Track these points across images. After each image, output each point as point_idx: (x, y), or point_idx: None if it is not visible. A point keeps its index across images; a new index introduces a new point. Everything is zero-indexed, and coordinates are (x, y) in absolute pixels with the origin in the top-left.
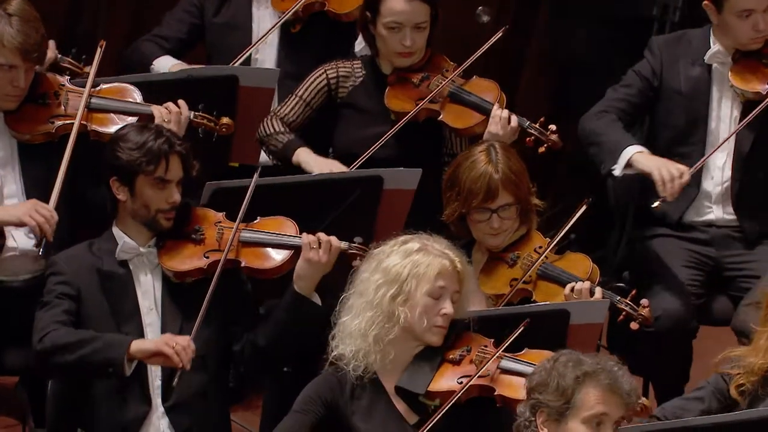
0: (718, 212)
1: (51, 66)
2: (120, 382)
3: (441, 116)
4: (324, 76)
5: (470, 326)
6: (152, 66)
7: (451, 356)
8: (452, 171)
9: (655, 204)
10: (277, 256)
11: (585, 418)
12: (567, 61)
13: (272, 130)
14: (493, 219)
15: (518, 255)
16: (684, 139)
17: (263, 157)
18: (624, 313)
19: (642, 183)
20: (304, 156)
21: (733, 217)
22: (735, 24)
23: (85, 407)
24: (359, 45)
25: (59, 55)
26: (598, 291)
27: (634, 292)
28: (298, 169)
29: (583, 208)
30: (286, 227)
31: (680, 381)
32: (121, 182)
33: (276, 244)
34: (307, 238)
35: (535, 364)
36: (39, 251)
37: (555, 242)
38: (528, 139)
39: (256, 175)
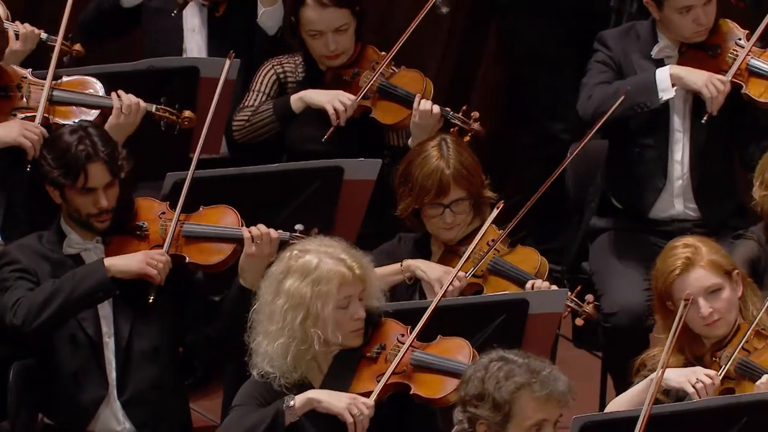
0: (679, 207)
1: (39, 46)
2: (78, 363)
3: (372, 112)
4: (272, 71)
5: (381, 314)
6: None
7: (368, 354)
8: (405, 167)
9: (704, 119)
10: (221, 250)
11: (526, 427)
12: (523, 53)
13: (245, 116)
14: (446, 214)
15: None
16: (647, 131)
17: (224, 148)
18: (569, 309)
19: (602, 172)
20: (309, 93)
21: (694, 213)
22: (676, 20)
23: (45, 394)
24: (260, 11)
25: (45, 35)
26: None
27: (579, 287)
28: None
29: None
30: (227, 217)
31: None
32: (53, 188)
33: (219, 237)
34: (247, 232)
35: (447, 358)
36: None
37: (503, 236)
38: (452, 129)
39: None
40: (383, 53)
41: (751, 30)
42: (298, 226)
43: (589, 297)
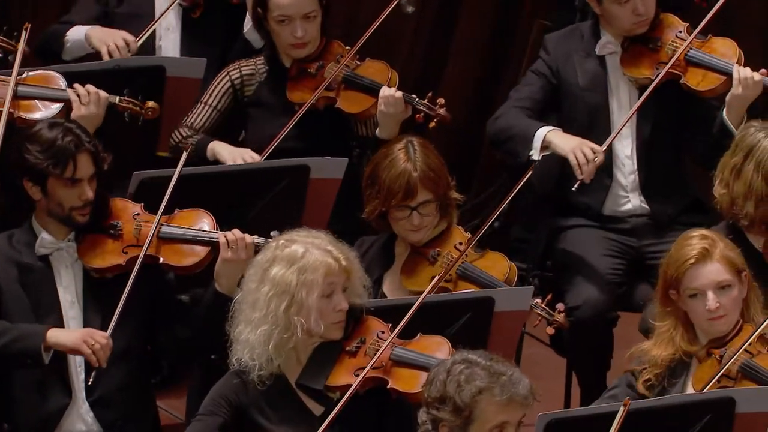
0: (635, 201)
1: None
2: (41, 372)
3: (337, 103)
4: (227, 78)
5: (363, 310)
6: (66, 37)
7: (348, 347)
8: (371, 169)
9: (575, 186)
10: (195, 253)
11: (487, 430)
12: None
13: (180, 137)
14: (413, 216)
15: (439, 252)
16: (589, 131)
17: None
18: (540, 317)
19: (560, 171)
20: (218, 147)
21: (647, 205)
22: (615, 11)
23: (7, 402)
24: (247, 25)
25: None
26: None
27: (550, 296)
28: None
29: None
30: (203, 221)
31: (602, 369)
32: (33, 182)
33: (194, 240)
34: (223, 237)
35: (426, 355)
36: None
37: (474, 240)
38: (417, 115)
39: (176, 175)
40: (348, 48)
41: (692, 24)
42: (274, 233)
43: (560, 306)
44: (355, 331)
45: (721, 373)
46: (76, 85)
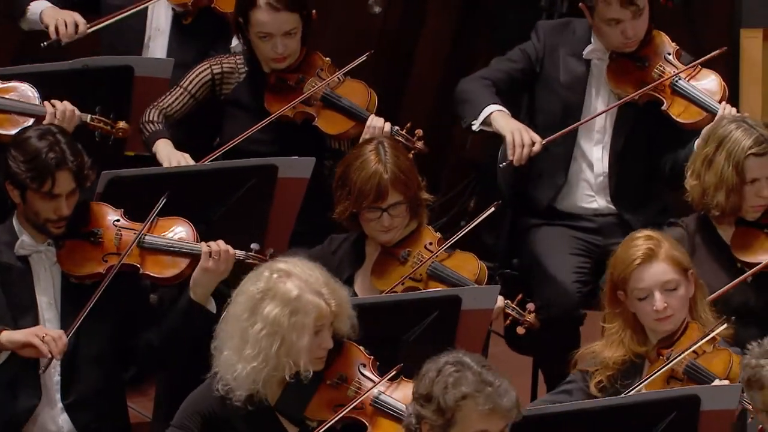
0: (600, 201)
1: None
2: (13, 372)
3: (315, 121)
4: (209, 70)
5: (344, 337)
6: (29, 7)
7: (329, 381)
8: (342, 170)
9: (502, 165)
10: (177, 264)
11: None
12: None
13: (147, 118)
14: (383, 217)
15: (409, 252)
16: (557, 126)
17: None
18: (510, 318)
19: (518, 171)
20: (160, 147)
21: (614, 207)
22: (605, 30)
23: None
24: (236, 41)
25: None
26: (500, 300)
27: (520, 296)
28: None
29: (491, 209)
30: (185, 231)
31: (568, 367)
32: (14, 187)
33: (176, 252)
34: (206, 247)
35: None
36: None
37: (447, 244)
38: None
39: (164, 198)
40: (327, 59)
41: (680, 44)
42: (254, 246)
43: (530, 306)
44: (335, 362)
45: (663, 372)
46: (55, 102)
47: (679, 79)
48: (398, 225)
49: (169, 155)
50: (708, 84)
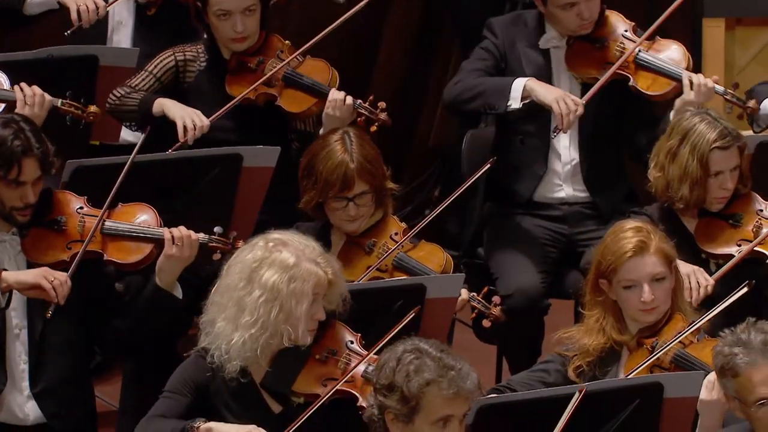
0: (568, 190)
1: None
2: None
3: (278, 100)
4: (172, 57)
5: (335, 314)
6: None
7: (317, 355)
8: (308, 160)
9: (554, 135)
10: (140, 249)
11: (432, 421)
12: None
13: (122, 93)
14: (349, 207)
15: (375, 242)
16: (529, 119)
17: (123, 136)
18: (476, 310)
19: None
20: (168, 103)
21: (583, 194)
22: (560, 15)
23: None
24: None
25: None
26: (464, 293)
27: (486, 289)
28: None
29: (487, 166)
30: (147, 216)
31: (532, 355)
32: None
33: (139, 237)
34: (168, 233)
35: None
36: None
37: (411, 234)
38: (359, 119)
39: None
40: (287, 42)
41: (636, 21)
42: (217, 229)
43: (496, 299)
44: (323, 337)
45: (650, 361)
46: (23, 85)
47: (641, 51)
48: (364, 214)
49: (183, 111)
50: (671, 53)
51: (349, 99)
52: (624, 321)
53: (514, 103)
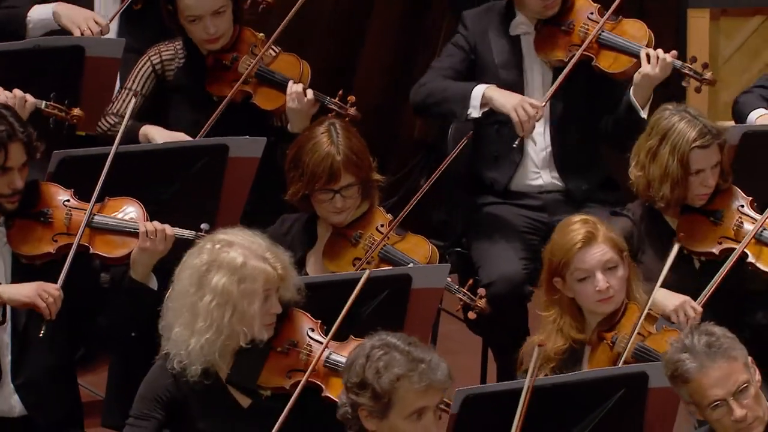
0: (546, 177)
1: None
2: None
3: (253, 98)
4: (148, 63)
5: (290, 305)
6: (28, 18)
7: (278, 348)
8: (295, 152)
9: (516, 143)
10: (126, 244)
11: (406, 415)
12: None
13: (109, 124)
14: (336, 199)
15: (361, 234)
16: None
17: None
18: (462, 302)
19: (472, 150)
20: (151, 131)
21: (560, 182)
22: None
23: None
24: None
25: None
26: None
27: (471, 281)
28: None
29: (464, 141)
30: (134, 211)
31: (517, 344)
32: None
33: (125, 231)
34: (143, 226)
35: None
36: (41, 333)
37: (395, 224)
38: (329, 114)
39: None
40: (261, 35)
41: (603, 4)
42: (204, 226)
43: (481, 291)
44: (283, 329)
45: (621, 363)
46: (3, 90)
47: (604, 32)
48: (350, 206)
49: (164, 135)
50: (632, 31)
51: (310, 93)
52: (582, 317)
53: (474, 111)
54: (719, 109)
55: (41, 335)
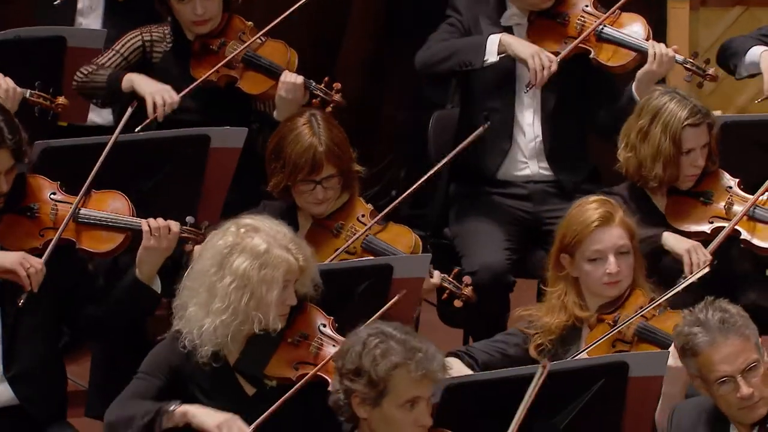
0: (533, 167)
1: None
2: None
3: (238, 82)
4: (140, 37)
5: (307, 297)
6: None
7: (289, 339)
8: (276, 143)
9: (526, 90)
10: (113, 238)
11: (400, 404)
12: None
13: (89, 70)
14: (317, 190)
15: (342, 225)
16: (494, 95)
17: (91, 118)
18: (447, 291)
19: (455, 137)
20: (138, 78)
21: (548, 172)
22: None
23: None
24: None
25: None
26: (436, 275)
27: (456, 270)
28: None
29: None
30: (119, 204)
31: (497, 332)
32: None
33: (111, 226)
34: (146, 224)
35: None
36: (20, 302)
37: (379, 217)
38: (314, 100)
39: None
40: (249, 23)
41: None
42: (189, 219)
43: (467, 279)
44: (295, 321)
45: (612, 334)
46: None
47: (604, 27)
48: (331, 197)
49: (152, 86)
50: (632, 26)
51: (300, 79)
52: (584, 298)
53: (491, 57)
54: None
55: (20, 304)
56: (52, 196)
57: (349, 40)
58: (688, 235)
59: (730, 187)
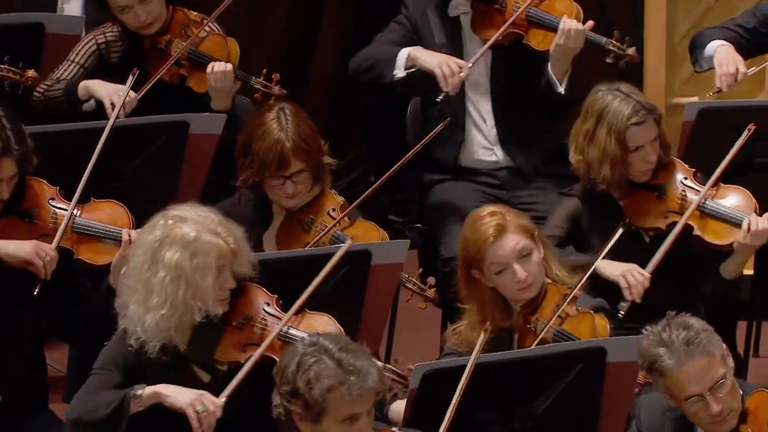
0: (499, 153)
1: None
2: None
3: (188, 81)
4: (93, 41)
5: (245, 279)
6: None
7: (234, 322)
8: (244, 138)
9: (438, 98)
10: (110, 252)
11: (339, 421)
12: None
13: (45, 86)
14: (287, 185)
15: (312, 220)
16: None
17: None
18: (412, 292)
19: (422, 131)
20: (90, 83)
21: (508, 157)
22: None
23: None
24: None
25: None
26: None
27: (420, 270)
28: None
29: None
30: (119, 216)
31: None
32: None
33: (110, 237)
34: (126, 235)
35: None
36: (35, 291)
37: (350, 210)
38: (256, 94)
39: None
40: (194, 14)
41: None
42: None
43: (431, 280)
44: (238, 303)
45: (536, 343)
46: None
47: (533, 8)
48: (302, 191)
49: (106, 88)
50: (560, 7)
51: (230, 67)
52: (506, 304)
53: (399, 71)
54: (676, 85)
55: (35, 293)
56: (50, 201)
57: (325, 31)
58: (646, 231)
59: (685, 179)
